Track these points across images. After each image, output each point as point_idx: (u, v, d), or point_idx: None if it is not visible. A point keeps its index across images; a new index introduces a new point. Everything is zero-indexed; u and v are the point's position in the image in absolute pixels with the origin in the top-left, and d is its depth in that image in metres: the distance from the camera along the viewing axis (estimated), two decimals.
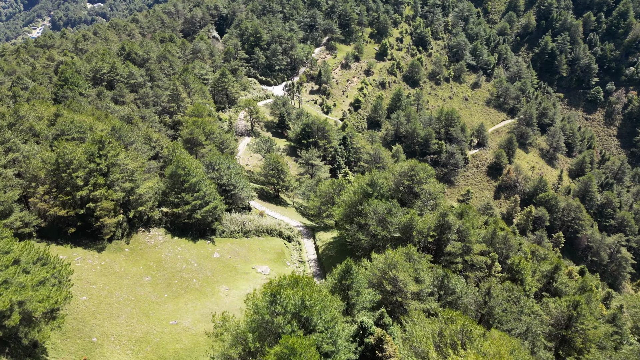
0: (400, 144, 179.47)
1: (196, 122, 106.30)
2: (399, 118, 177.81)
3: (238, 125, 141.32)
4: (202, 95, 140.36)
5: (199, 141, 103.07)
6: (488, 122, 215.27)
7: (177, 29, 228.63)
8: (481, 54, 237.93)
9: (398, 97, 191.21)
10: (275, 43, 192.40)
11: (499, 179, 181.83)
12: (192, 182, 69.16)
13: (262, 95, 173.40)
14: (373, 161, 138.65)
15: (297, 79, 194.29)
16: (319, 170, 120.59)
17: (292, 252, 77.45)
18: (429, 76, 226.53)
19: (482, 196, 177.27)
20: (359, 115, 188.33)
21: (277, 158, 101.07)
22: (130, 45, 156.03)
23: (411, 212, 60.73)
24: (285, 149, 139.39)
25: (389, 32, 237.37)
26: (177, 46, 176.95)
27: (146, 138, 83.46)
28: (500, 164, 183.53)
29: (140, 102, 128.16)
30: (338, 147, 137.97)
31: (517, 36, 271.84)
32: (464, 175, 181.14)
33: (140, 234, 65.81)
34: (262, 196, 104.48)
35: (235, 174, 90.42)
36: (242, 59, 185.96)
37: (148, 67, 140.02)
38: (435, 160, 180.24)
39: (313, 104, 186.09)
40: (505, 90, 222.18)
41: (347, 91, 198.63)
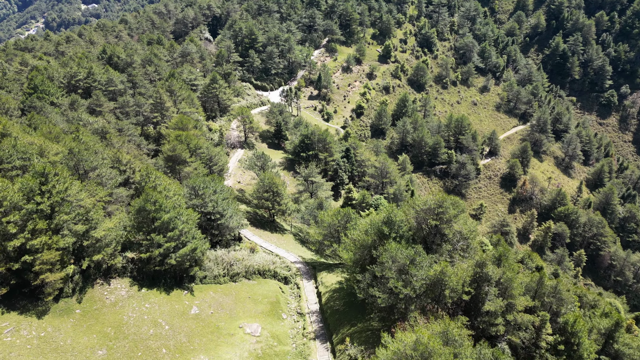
0: (406, 153, 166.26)
1: (179, 137, 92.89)
2: (406, 125, 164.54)
3: (230, 136, 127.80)
4: (190, 103, 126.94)
5: (182, 158, 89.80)
6: (499, 128, 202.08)
7: (168, 30, 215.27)
8: (490, 55, 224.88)
9: (403, 102, 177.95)
10: (272, 45, 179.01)
11: (514, 191, 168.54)
12: (165, 220, 55.60)
13: (257, 101, 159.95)
14: (379, 175, 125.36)
15: (295, 83, 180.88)
16: (320, 188, 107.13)
17: (288, 300, 63.88)
18: (435, 79, 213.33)
19: (496, 210, 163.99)
20: (361, 123, 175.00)
21: (272, 178, 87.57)
22: (112, 48, 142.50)
23: (442, 263, 47.27)
24: (282, 163, 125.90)
25: (392, 33, 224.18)
26: (164, 49, 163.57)
27: (114, 161, 69.87)
28: (514, 174, 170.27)
29: (120, 112, 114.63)
30: (340, 160, 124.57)
31: (526, 37, 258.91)
32: (476, 187, 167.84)
33: (97, 289, 52.22)
34: (256, 221, 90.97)
35: (223, 199, 77.05)
36: (235, 62, 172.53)
37: (130, 72, 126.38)
38: (444, 171, 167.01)
39: (312, 110, 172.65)
40: (517, 95, 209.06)
41: (349, 96, 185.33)
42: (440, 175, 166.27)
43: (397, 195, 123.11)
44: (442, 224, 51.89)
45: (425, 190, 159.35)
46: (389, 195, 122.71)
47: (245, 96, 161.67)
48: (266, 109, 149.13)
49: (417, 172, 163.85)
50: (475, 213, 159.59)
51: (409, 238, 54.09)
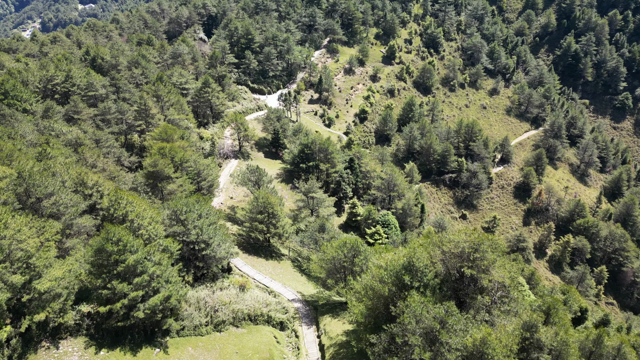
0: (413, 161, 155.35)
1: (163, 150, 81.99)
2: (413, 132, 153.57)
3: (223, 145, 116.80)
4: (180, 109, 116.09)
5: (165, 175, 78.88)
6: (510, 133, 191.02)
7: (161, 30, 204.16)
8: (499, 56, 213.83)
9: (410, 106, 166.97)
10: (269, 45, 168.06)
11: (528, 202, 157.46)
12: (131, 263, 44.62)
13: (253, 106, 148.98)
14: (386, 188, 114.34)
15: (295, 86, 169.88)
16: (322, 204, 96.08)
17: (285, 353, 52.83)
18: (442, 82, 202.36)
19: (509, 222, 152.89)
20: (365, 128, 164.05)
21: (267, 197, 76.57)
22: (96, 50, 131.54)
23: (483, 329, 36.24)
24: (279, 175, 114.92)
25: (397, 32, 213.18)
26: (154, 50, 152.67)
27: (78, 183, 58.82)
28: (529, 183, 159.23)
29: (101, 120, 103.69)
30: (344, 171, 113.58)
31: (536, 37, 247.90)
32: (488, 197, 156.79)
33: (41, 355, 41.20)
34: (248, 245, 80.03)
35: (210, 224, 66.29)
36: (230, 64, 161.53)
37: (113, 75, 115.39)
38: (454, 180, 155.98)
39: (312, 115, 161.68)
40: (528, 98, 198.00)
41: (351, 100, 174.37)
42: (450, 185, 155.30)
43: (405, 210, 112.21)
44: (479, 272, 40.81)
45: (434, 201, 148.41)
46: (397, 211, 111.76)
47: (240, 100, 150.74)
48: (263, 115, 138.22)
49: (424, 182, 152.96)
50: (487, 226, 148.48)
51: (435, 287, 43.06)
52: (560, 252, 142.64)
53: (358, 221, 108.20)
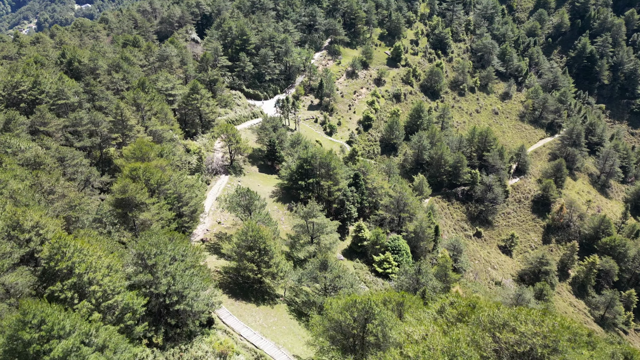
0: (422, 172, 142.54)
1: (135, 172, 69.17)
2: (422, 141, 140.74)
3: (212, 159, 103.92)
4: (163, 119, 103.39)
5: (137, 202, 66.08)
6: (524, 140, 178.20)
7: (151, 31, 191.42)
8: (511, 58, 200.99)
9: (418, 113, 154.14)
10: (266, 47, 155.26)
11: (548, 217, 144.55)
12: (57, 355, 31.73)
13: (247, 113, 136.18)
14: (396, 208, 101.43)
15: (293, 91, 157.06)
16: (323, 230, 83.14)
17: None
18: (450, 85, 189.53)
19: (528, 240, 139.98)
20: (369, 137, 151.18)
21: (259, 230, 63.68)
22: (73, 52, 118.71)
23: None
24: (275, 192, 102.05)
25: (402, 33, 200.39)
26: (140, 52, 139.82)
27: (12, 226, 45.93)
28: (548, 197, 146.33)
29: (71, 132, 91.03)
30: (347, 189, 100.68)
31: (549, 37, 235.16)
32: (504, 212, 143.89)
33: None
34: (236, 286, 67.23)
35: (186, 269, 53.85)
36: (223, 67, 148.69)
37: (88, 81, 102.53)
38: (467, 193, 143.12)
39: (312, 122, 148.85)
40: (543, 102, 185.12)
41: (355, 105, 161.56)
42: (463, 199, 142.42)
43: (418, 234, 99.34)
44: None
45: (446, 217, 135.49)
46: (408, 234, 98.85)
47: (234, 107, 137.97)
48: (258, 123, 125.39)
49: (435, 195, 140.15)
50: (504, 244, 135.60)
51: None
52: (585, 274, 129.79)
53: (364, 246, 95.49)
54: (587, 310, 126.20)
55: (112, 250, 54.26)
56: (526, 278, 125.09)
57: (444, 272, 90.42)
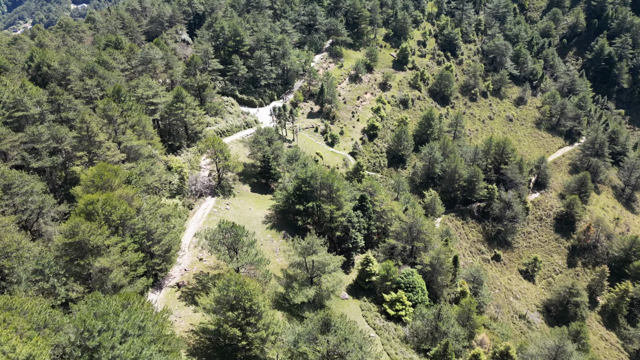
0: (434, 187, 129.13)
1: (92, 206, 55.73)
2: (433, 152, 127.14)
3: (196, 179, 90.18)
4: (141, 132, 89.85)
5: (92, 245, 52.80)
6: (541, 150, 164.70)
7: (139, 31, 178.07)
8: (526, 60, 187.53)
9: (428, 121, 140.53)
10: (261, 49, 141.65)
11: (573, 237, 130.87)
12: None
13: (240, 123, 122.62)
14: (409, 235, 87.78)
15: (291, 97, 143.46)
16: (325, 269, 69.44)
17: None
18: (461, 90, 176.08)
19: (551, 263, 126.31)
20: (375, 147, 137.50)
21: (244, 284, 50.04)
22: (42, 55, 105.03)
23: None
24: (269, 217, 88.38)
25: (409, 33, 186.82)
26: (122, 54, 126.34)
27: None
28: (572, 214, 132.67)
29: (29, 150, 77.55)
30: (353, 213, 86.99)
31: (563, 38, 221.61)
32: (524, 232, 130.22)
33: None
34: (216, 351, 53.57)
35: (151, 342, 40.61)
36: (215, 70, 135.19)
37: (53, 89, 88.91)
38: (483, 211, 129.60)
39: (312, 132, 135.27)
40: (561, 108, 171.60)
41: (358, 112, 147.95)
42: (478, 217, 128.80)
43: (435, 266, 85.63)
44: None
45: (460, 238, 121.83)
46: (423, 267, 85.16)
47: (225, 115, 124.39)
48: (251, 134, 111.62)
49: (448, 213, 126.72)
50: (526, 269, 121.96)
51: None
52: (616, 303, 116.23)
53: (373, 282, 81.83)
54: (619, 344, 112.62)
55: (42, 324, 40.67)
56: (552, 309, 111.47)
57: (467, 315, 76.78)
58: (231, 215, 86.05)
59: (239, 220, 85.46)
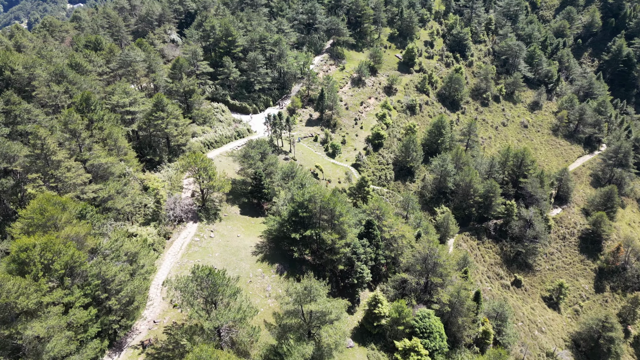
0: (446, 203, 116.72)
1: (26, 253, 43.38)
2: (445, 165, 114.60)
3: (176, 201, 77.58)
4: (113, 147, 77.47)
5: (21, 308, 40.42)
6: (560, 159, 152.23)
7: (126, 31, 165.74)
8: (540, 62, 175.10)
9: (439, 129, 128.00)
10: (256, 50, 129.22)
11: (600, 259, 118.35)
12: None
13: (231, 132, 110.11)
14: (423, 268, 75.27)
15: (289, 102, 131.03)
16: (326, 318, 56.87)
17: None
18: (472, 94, 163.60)
19: (577, 288, 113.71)
20: (380, 158, 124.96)
21: None
22: (4, 57, 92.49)
23: None
24: (260, 246, 75.85)
25: (415, 33, 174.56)
26: (100, 56, 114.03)
27: None
28: (599, 232, 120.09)
29: None
30: (358, 242, 74.41)
31: (578, 38, 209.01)
32: (546, 252, 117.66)
33: None
34: None
35: None
36: (204, 74, 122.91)
37: (8, 97, 76.43)
38: (500, 229, 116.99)
39: (312, 141, 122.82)
40: (580, 114, 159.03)
41: (362, 119, 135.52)
42: (496, 236, 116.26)
43: (455, 306, 73.03)
44: None
45: (476, 260, 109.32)
46: (442, 307, 72.58)
47: (215, 124, 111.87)
48: (242, 147, 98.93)
49: (462, 232, 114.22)
50: (549, 295, 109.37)
51: None
52: None
53: (382, 326, 69.30)
54: None
55: None
56: (582, 344, 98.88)
57: None
58: (216, 245, 73.55)
59: (225, 250, 73.07)
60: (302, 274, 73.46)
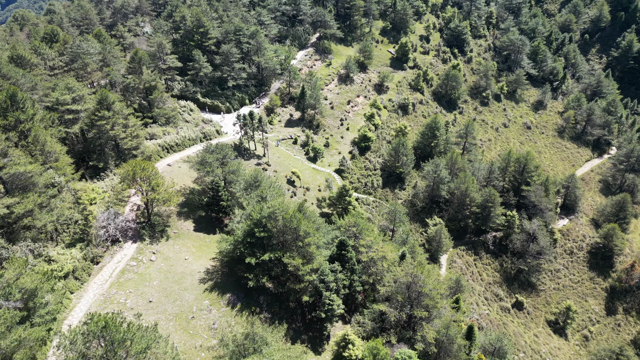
0: (439, 213, 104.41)
1: None
2: (439, 171, 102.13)
3: (113, 216, 65.25)
4: (41, 152, 65.71)
5: None
6: (566, 163, 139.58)
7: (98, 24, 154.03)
8: (545, 58, 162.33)
9: (432, 130, 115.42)
10: (230, 43, 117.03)
11: (612, 276, 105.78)
12: None
13: (196, 134, 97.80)
14: (406, 299, 62.91)
15: (267, 101, 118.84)
16: None
17: None
18: (470, 92, 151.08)
19: (585, 310, 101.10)
20: (367, 163, 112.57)
21: None
22: None
23: None
24: (211, 271, 63.65)
25: (410, 27, 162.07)
26: (53, 50, 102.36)
27: None
28: (610, 247, 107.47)
29: None
30: (327, 267, 62.02)
31: (585, 33, 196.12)
32: (551, 269, 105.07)
33: None
34: None
35: None
36: (171, 69, 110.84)
37: None
38: (499, 243, 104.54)
39: (291, 144, 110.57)
40: (588, 114, 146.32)
41: (348, 120, 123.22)
42: (495, 251, 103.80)
43: (443, 345, 60.56)
44: None
45: (472, 279, 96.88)
46: (427, 347, 60.14)
47: (180, 124, 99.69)
48: (198, 152, 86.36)
49: (457, 246, 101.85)
50: (555, 319, 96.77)
51: None
52: None
53: None
54: None
55: None
56: None
57: None
58: (156, 271, 61.32)
59: (166, 278, 60.85)
60: (260, 306, 61.34)
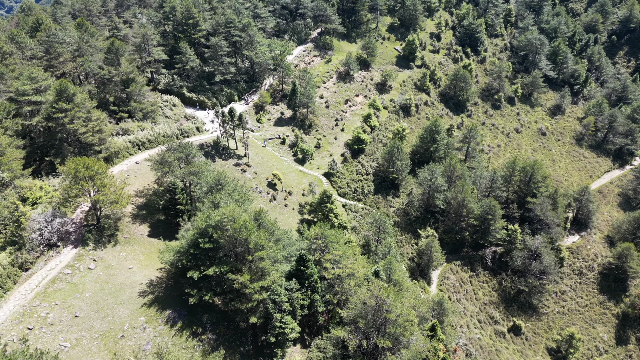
0: (434, 224, 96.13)
1: None
2: (434, 178, 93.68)
3: (51, 219, 59.67)
4: None
5: None
6: (582, 174, 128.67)
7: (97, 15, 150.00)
8: (565, 60, 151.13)
9: (431, 134, 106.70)
10: (219, 35, 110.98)
11: (625, 301, 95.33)
12: None
13: (173, 130, 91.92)
14: (371, 324, 55.14)
15: (256, 97, 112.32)
16: None
17: None
18: (481, 94, 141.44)
19: (592, 337, 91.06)
20: (359, 167, 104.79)
21: None
22: None
23: None
24: (155, 284, 57.44)
25: (420, 24, 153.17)
26: (35, 39, 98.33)
27: None
28: (625, 268, 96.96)
29: None
30: (279, 287, 54.86)
31: (612, 34, 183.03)
32: (556, 291, 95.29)
33: None
34: None
35: None
36: (157, 61, 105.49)
37: None
38: (499, 259, 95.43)
39: (279, 144, 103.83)
40: (610, 121, 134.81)
41: (345, 120, 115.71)
42: (493, 268, 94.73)
43: None
44: None
45: (466, 299, 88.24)
46: None
47: (158, 119, 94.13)
48: (160, 152, 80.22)
49: (452, 260, 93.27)
50: (557, 347, 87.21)
51: None
52: None
53: None
54: None
55: None
56: None
57: None
58: (92, 281, 55.38)
59: (102, 289, 54.83)
60: (204, 325, 54.73)
